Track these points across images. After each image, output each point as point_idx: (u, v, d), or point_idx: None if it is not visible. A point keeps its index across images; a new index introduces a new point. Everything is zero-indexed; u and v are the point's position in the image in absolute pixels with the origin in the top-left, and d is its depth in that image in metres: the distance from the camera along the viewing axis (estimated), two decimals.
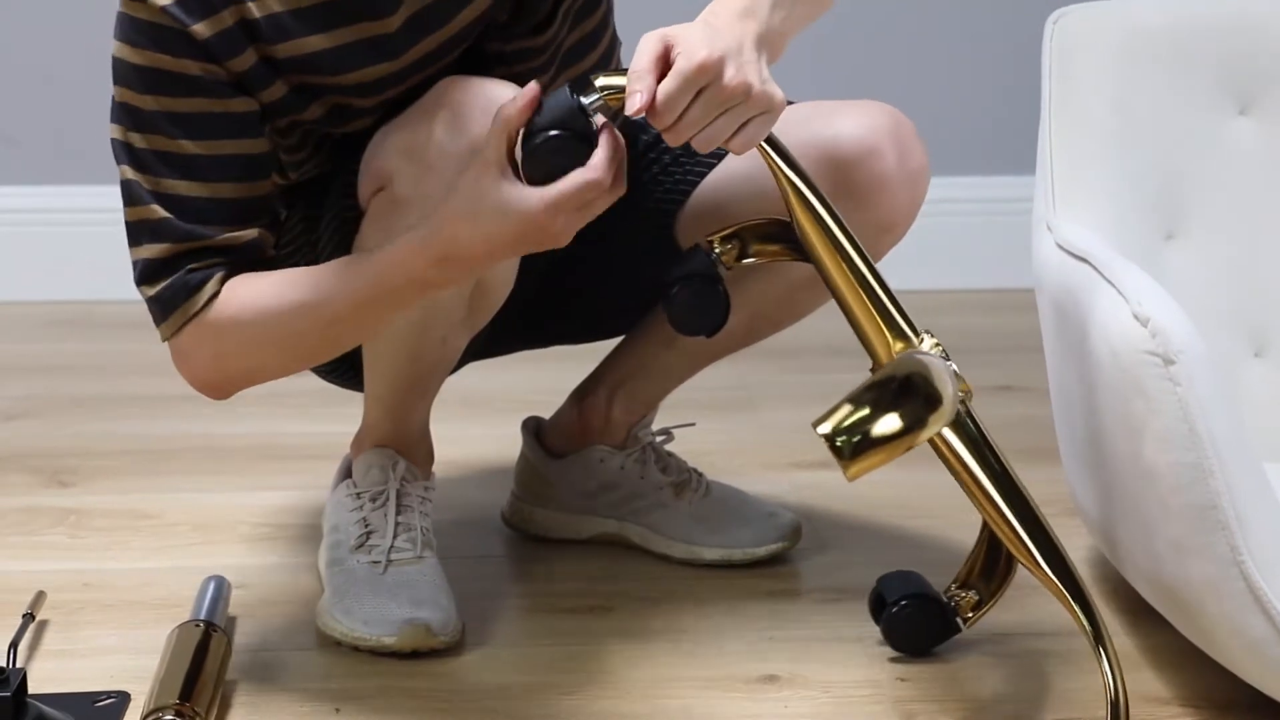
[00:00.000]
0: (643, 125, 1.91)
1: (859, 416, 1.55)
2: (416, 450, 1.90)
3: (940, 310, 1.73)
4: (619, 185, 1.57)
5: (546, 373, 2.25)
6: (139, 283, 1.68)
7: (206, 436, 2.38)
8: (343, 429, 1.98)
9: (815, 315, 1.95)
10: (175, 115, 1.64)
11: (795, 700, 1.72)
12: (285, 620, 1.87)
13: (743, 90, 1.53)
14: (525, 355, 2.11)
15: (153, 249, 1.66)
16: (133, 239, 1.67)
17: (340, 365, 1.88)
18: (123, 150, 1.67)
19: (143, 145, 1.65)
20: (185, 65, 1.63)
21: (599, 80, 1.56)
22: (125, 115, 1.65)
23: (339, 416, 2.10)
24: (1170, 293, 1.60)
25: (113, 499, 2.19)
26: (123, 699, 1.70)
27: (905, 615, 1.78)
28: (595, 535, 2.05)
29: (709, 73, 1.52)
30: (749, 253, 1.76)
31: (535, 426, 2.07)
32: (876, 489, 2.15)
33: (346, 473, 1.94)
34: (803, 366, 2.53)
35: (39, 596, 1.87)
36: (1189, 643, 1.70)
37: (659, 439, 2.05)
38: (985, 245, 3.03)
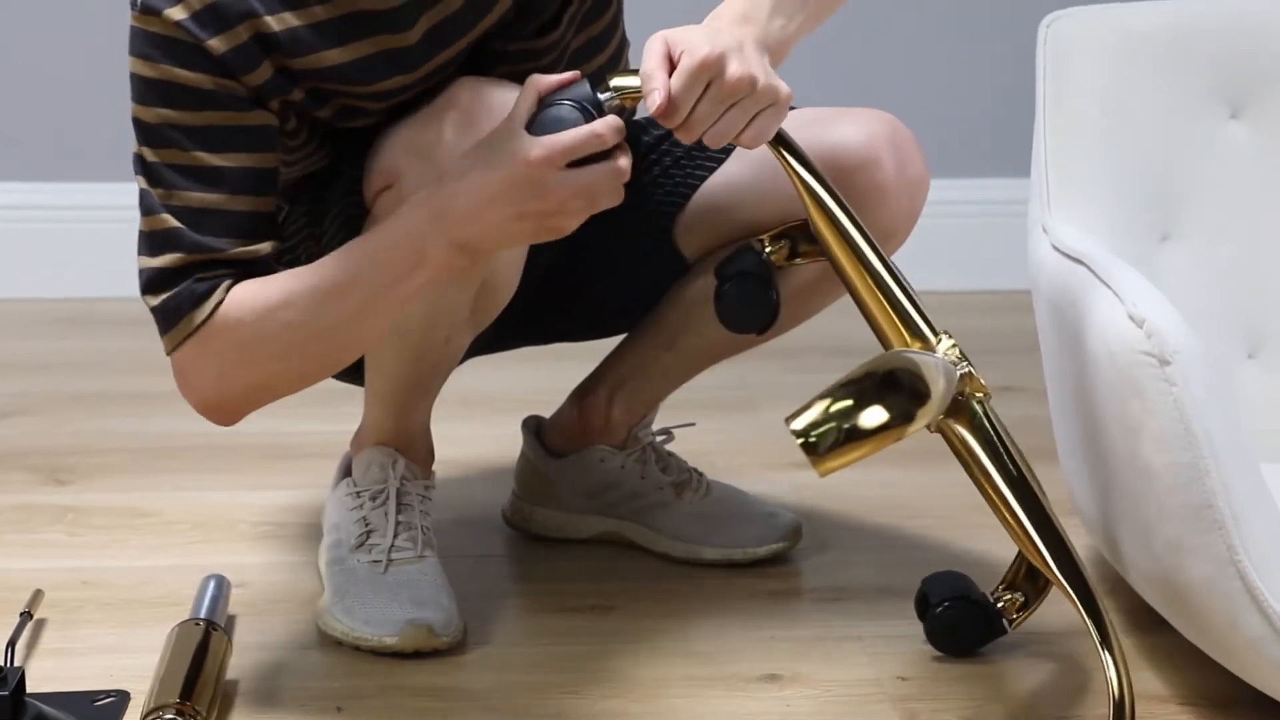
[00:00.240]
0: (645, 127, 1.92)
1: (838, 409, 1.55)
2: (417, 449, 1.90)
3: (938, 311, 1.73)
4: (623, 161, 1.57)
5: (546, 372, 2.25)
6: (144, 291, 1.67)
7: (206, 434, 2.35)
8: (343, 427, 1.98)
9: (816, 315, 1.95)
10: (191, 129, 1.63)
11: (796, 699, 1.72)
12: (286, 619, 1.87)
13: (748, 83, 1.55)
14: (525, 354, 2.11)
15: (163, 259, 1.65)
16: (143, 249, 1.67)
17: None
18: (138, 162, 1.67)
19: (155, 159, 1.65)
20: (200, 80, 1.62)
21: (613, 81, 1.60)
22: (141, 128, 1.65)
23: (339, 415, 2.10)
24: (1165, 294, 1.61)
25: (112, 497, 2.18)
26: (122, 698, 1.69)
27: (949, 617, 1.77)
28: (596, 535, 2.05)
29: (712, 68, 1.54)
30: (799, 252, 1.77)
31: (536, 426, 2.07)
32: (876, 489, 2.16)
33: (346, 471, 1.94)
34: (803, 366, 2.53)
35: (37, 595, 1.86)
36: (1187, 641, 1.70)
37: (659, 439, 2.05)
38: (982, 247, 3.03)
